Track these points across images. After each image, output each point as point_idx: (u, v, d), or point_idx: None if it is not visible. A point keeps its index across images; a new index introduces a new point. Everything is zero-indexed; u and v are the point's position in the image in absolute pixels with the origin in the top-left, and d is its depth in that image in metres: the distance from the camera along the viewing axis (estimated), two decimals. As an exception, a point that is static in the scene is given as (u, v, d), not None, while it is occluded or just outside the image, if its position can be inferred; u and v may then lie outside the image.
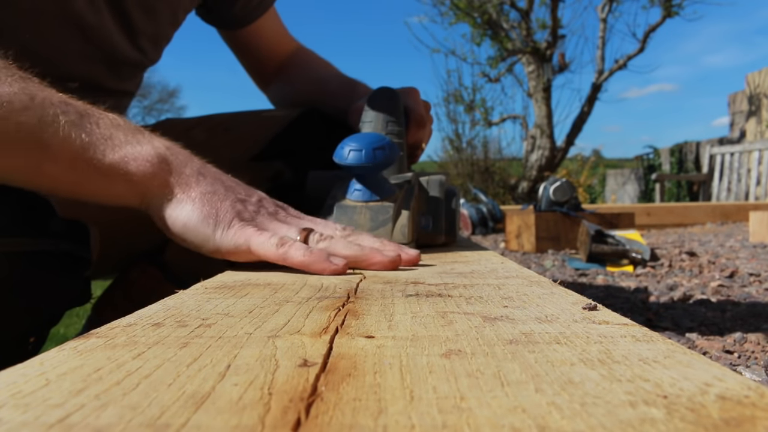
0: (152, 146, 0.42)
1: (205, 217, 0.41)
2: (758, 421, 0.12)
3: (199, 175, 0.43)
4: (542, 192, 2.21)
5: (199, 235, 0.41)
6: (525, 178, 6.54)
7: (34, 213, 0.42)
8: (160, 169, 0.42)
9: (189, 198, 0.42)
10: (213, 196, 0.42)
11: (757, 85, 6.05)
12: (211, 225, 0.41)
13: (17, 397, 0.14)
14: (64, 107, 0.39)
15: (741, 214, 3.46)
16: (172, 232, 0.42)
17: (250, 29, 0.83)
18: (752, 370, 0.62)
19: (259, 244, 0.40)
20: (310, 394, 0.14)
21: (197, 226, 0.41)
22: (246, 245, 0.40)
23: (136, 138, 0.42)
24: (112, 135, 0.41)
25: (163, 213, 0.42)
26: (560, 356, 0.18)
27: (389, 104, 0.63)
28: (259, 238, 0.40)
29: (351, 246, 0.42)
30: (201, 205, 0.41)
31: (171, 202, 0.42)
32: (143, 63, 0.72)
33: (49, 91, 0.40)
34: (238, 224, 0.41)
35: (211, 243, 0.41)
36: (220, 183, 0.44)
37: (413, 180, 0.58)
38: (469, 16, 6.46)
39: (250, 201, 0.44)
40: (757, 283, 1.22)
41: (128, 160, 0.41)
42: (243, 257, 0.41)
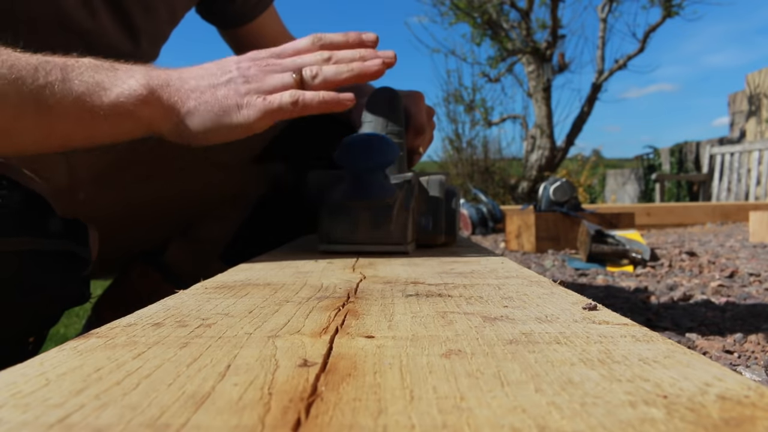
0: (135, 80, 0.45)
1: (216, 115, 0.45)
2: (758, 421, 0.12)
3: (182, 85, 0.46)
4: (542, 192, 2.21)
5: (221, 131, 0.45)
6: (525, 178, 6.54)
7: (33, 213, 0.42)
8: (151, 98, 0.44)
9: (190, 112, 0.45)
10: (206, 95, 0.45)
11: (757, 85, 6.05)
12: (225, 117, 0.45)
13: (17, 397, 0.14)
14: (46, 67, 0.41)
15: (741, 214, 3.45)
16: (197, 142, 0.46)
17: (249, 28, 0.83)
18: (752, 370, 0.62)
19: (276, 107, 0.44)
20: (310, 394, 0.14)
21: (216, 126, 0.45)
22: (263, 114, 0.45)
23: (118, 76, 0.45)
24: (98, 80, 0.43)
25: (178, 132, 0.46)
26: (560, 356, 0.18)
27: (389, 104, 0.63)
28: (273, 104, 0.45)
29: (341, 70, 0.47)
30: (205, 110, 0.45)
31: (180, 123, 0.45)
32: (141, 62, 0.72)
33: (26, 57, 0.42)
34: (243, 101, 0.45)
35: (235, 127, 0.45)
36: (200, 78, 0.47)
37: (413, 180, 0.58)
38: (469, 16, 6.46)
39: (233, 76, 0.47)
40: (757, 283, 1.22)
41: (122, 99, 0.43)
42: (265, 125, 0.46)
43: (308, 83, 0.46)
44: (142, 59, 0.71)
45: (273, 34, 0.87)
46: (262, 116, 0.45)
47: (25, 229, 0.41)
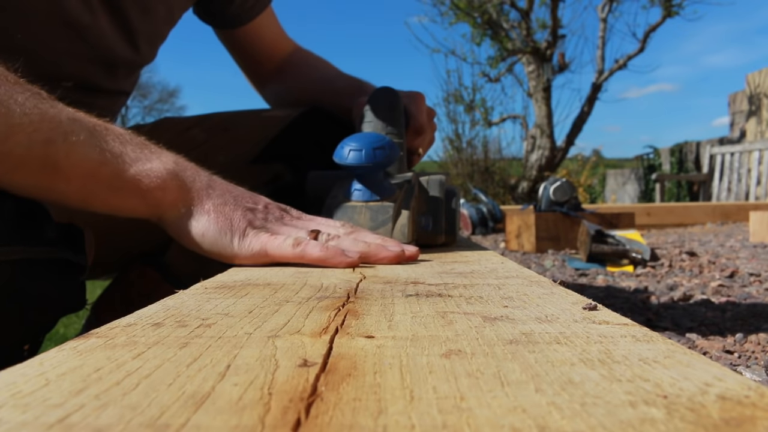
0: (161, 162, 0.44)
1: (221, 228, 0.44)
2: (758, 422, 0.12)
3: (209, 188, 0.46)
4: (542, 192, 2.21)
5: (217, 246, 0.44)
6: (525, 178, 6.54)
7: (29, 219, 0.42)
8: (171, 184, 0.44)
9: (203, 211, 0.44)
10: (225, 207, 0.45)
11: (757, 85, 6.05)
12: (228, 235, 0.44)
13: (17, 397, 0.14)
14: (72, 125, 0.40)
15: (741, 214, 3.45)
16: (190, 243, 0.45)
17: (246, 29, 0.83)
18: (752, 370, 0.62)
19: (276, 247, 0.43)
20: (310, 394, 0.14)
21: (215, 237, 0.44)
22: (263, 250, 0.43)
23: (144, 154, 0.44)
24: (122, 152, 0.42)
25: (178, 226, 0.45)
26: (560, 356, 0.18)
27: (389, 104, 0.63)
28: (275, 242, 0.43)
29: (358, 243, 0.45)
30: (215, 217, 0.44)
31: (185, 215, 0.44)
32: (139, 62, 0.72)
33: (59, 108, 0.40)
34: (252, 232, 0.44)
35: (229, 251, 0.44)
36: (228, 194, 0.46)
37: (413, 180, 0.58)
38: (469, 16, 6.46)
39: (257, 208, 0.46)
40: (757, 283, 1.22)
41: (140, 177, 0.42)
42: (260, 261, 0.44)
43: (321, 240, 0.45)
44: (139, 59, 0.71)
45: (270, 35, 0.87)
46: (260, 253, 0.43)
47: (18, 237, 0.40)
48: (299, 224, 0.47)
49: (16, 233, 0.40)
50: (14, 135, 0.37)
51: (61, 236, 0.44)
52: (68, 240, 0.45)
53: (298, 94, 0.86)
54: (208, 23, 0.83)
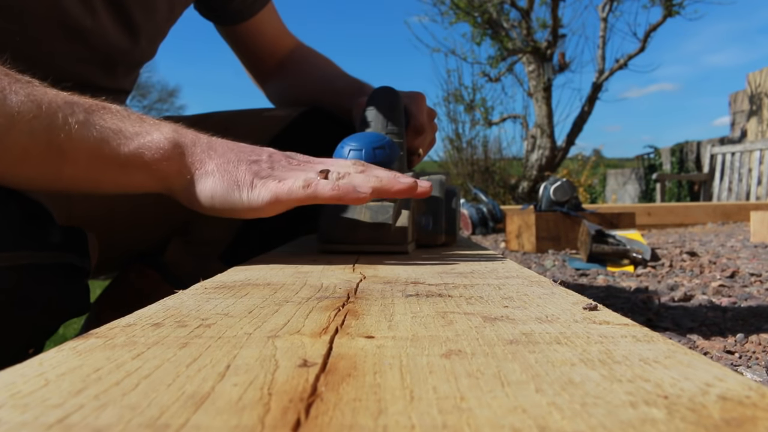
0: (161, 133, 0.44)
1: (228, 185, 0.43)
2: (759, 422, 0.12)
3: (209, 149, 0.45)
4: (542, 192, 2.21)
5: (227, 203, 0.44)
6: (525, 178, 6.54)
7: (32, 224, 0.42)
8: (173, 153, 0.43)
9: (207, 172, 0.44)
10: (228, 165, 0.44)
11: (758, 84, 6.05)
12: (236, 191, 0.43)
13: (16, 398, 0.14)
14: (70, 108, 0.40)
15: (742, 214, 3.45)
16: (201, 207, 0.45)
17: (247, 25, 0.82)
18: (753, 370, 0.62)
19: (286, 192, 0.42)
20: (310, 395, 0.14)
21: (224, 195, 0.43)
22: (274, 197, 0.43)
23: (144, 128, 0.43)
24: (121, 128, 0.42)
25: (187, 192, 0.44)
26: (561, 356, 0.18)
27: (390, 103, 0.63)
28: (284, 187, 0.43)
29: (369, 178, 0.44)
30: (221, 176, 0.44)
31: (192, 180, 0.44)
32: (140, 61, 0.72)
33: (53, 93, 0.40)
34: (259, 182, 0.43)
35: (240, 205, 0.43)
36: (230, 151, 0.46)
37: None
38: (469, 16, 6.45)
39: (261, 159, 0.46)
40: (758, 283, 1.22)
41: (142, 150, 0.42)
42: (273, 210, 0.43)
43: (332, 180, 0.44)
44: (140, 57, 0.71)
45: (272, 31, 0.86)
46: (272, 200, 0.43)
47: (24, 242, 0.40)
48: (307, 167, 0.47)
49: (22, 237, 0.40)
50: (16, 125, 0.37)
51: (65, 239, 0.44)
52: (72, 243, 0.45)
53: (299, 92, 0.86)
54: (210, 19, 0.83)
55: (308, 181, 0.42)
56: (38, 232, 0.42)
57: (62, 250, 0.43)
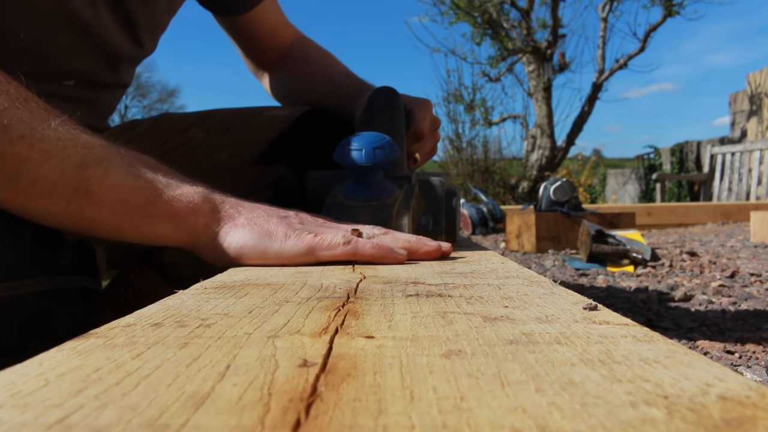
0: (191, 187, 0.44)
1: (260, 235, 0.43)
2: (759, 422, 0.12)
3: (238, 206, 0.46)
4: (542, 192, 2.21)
5: (258, 251, 0.43)
6: (525, 178, 6.54)
7: (46, 247, 0.42)
8: (203, 207, 0.44)
9: (237, 225, 0.44)
10: (258, 219, 0.45)
11: (758, 84, 6.05)
12: (268, 240, 0.43)
13: (16, 398, 0.14)
14: (106, 151, 0.40)
15: (742, 214, 3.45)
16: (228, 259, 0.44)
17: (249, 16, 0.82)
18: (753, 370, 0.62)
19: (326, 245, 0.43)
20: (310, 395, 0.14)
21: (255, 245, 0.43)
22: (310, 249, 0.43)
23: (175, 181, 0.44)
24: (154, 179, 0.42)
25: (215, 246, 0.44)
26: (561, 356, 0.18)
27: (390, 104, 0.63)
28: (323, 241, 0.43)
29: (399, 240, 0.46)
30: (251, 228, 0.44)
31: (220, 233, 0.44)
32: (140, 55, 0.72)
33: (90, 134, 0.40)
34: (293, 233, 0.43)
35: (272, 253, 0.43)
36: (259, 209, 0.46)
37: (413, 180, 0.58)
38: (469, 16, 6.45)
39: (290, 215, 0.47)
40: (758, 283, 1.21)
41: (172, 202, 0.42)
42: (305, 260, 0.43)
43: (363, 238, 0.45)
44: (141, 51, 0.71)
45: (273, 23, 0.85)
46: (307, 251, 0.43)
47: (39, 267, 0.40)
48: (336, 226, 0.47)
49: (37, 263, 0.40)
50: (49, 160, 0.37)
51: (76, 260, 0.44)
52: (82, 263, 0.45)
53: (300, 90, 0.85)
54: (210, 10, 0.82)
55: (347, 238, 0.43)
56: (51, 256, 0.41)
57: (75, 273, 0.43)
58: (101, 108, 0.72)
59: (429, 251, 0.46)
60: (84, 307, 0.44)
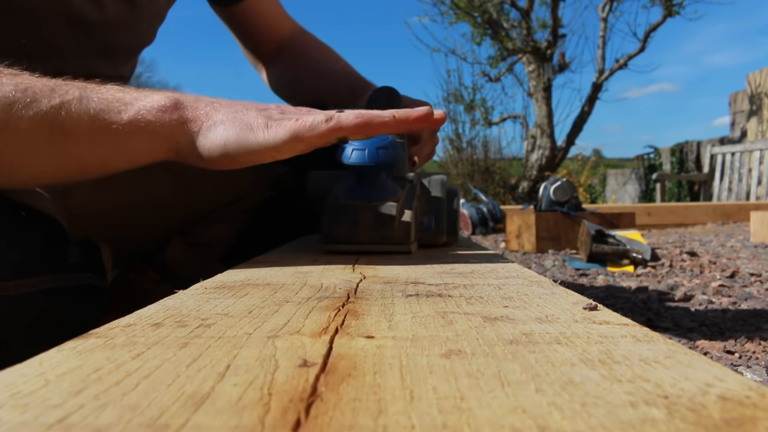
0: (160, 95, 0.43)
1: (240, 129, 0.42)
2: (759, 422, 0.12)
3: (213, 103, 0.44)
4: (542, 192, 2.21)
5: (243, 146, 0.42)
6: (525, 178, 6.53)
7: (53, 244, 0.41)
8: (176, 110, 0.42)
9: (216, 122, 0.42)
10: (237, 113, 0.43)
11: (758, 84, 6.05)
12: (250, 132, 0.41)
13: (16, 398, 0.14)
14: (63, 87, 0.40)
15: (742, 214, 3.45)
16: (213, 157, 0.43)
17: (244, 5, 0.82)
18: (753, 370, 0.62)
19: (308, 126, 0.41)
20: (310, 395, 0.14)
21: (237, 139, 0.42)
22: (294, 134, 0.41)
23: (142, 94, 0.43)
24: (119, 97, 0.41)
25: (197, 147, 0.42)
26: (561, 356, 0.18)
27: (391, 104, 0.63)
28: (304, 123, 0.41)
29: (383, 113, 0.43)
30: (231, 123, 0.42)
31: (200, 134, 0.42)
32: (139, 45, 0.72)
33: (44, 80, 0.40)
34: (274, 123, 0.42)
35: (257, 146, 0.41)
36: (237, 104, 0.44)
37: (415, 180, 0.58)
38: (469, 16, 6.45)
39: (270, 107, 0.45)
40: (758, 284, 1.21)
41: (143, 112, 0.41)
42: (293, 148, 0.42)
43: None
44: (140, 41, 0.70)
45: (269, 14, 0.85)
46: (292, 136, 0.41)
47: (46, 266, 0.39)
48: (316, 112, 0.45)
49: (45, 261, 0.40)
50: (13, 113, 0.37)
51: (83, 257, 0.44)
52: (89, 260, 0.45)
53: (297, 87, 0.85)
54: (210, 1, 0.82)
55: (329, 115, 0.41)
56: (59, 254, 0.41)
57: (82, 271, 0.43)
58: None
59: (420, 115, 0.42)
60: (91, 305, 0.44)
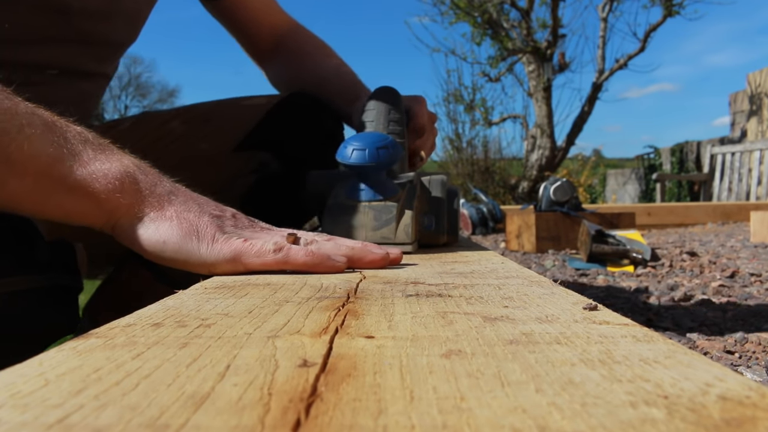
0: (121, 164, 0.41)
1: (186, 233, 0.40)
2: (759, 422, 0.12)
3: (170, 194, 0.42)
4: (542, 192, 2.21)
5: (182, 253, 0.40)
6: (525, 178, 6.54)
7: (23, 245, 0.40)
8: (129, 187, 0.40)
9: (164, 217, 0.40)
10: (189, 214, 0.41)
11: (758, 84, 6.05)
12: (194, 241, 0.40)
13: (16, 398, 0.14)
14: (29, 118, 0.38)
15: (742, 214, 3.45)
16: (148, 252, 0.41)
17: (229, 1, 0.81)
18: (753, 370, 0.62)
19: (255, 253, 0.39)
20: (310, 395, 0.14)
21: (179, 243, 0.40)
22: (237, 256, 0.39)
23: (104, 154, 0.40)
24: (80, 150, 0.39)
25: (134, 233, 0.40)
26: (561, 356, 0.18)
27: (391, 104, 0.63)
28: (251, 247, 0.39)
29: (340, 247, 0.42)
30: (179, 223, 0.40)
31: (143, 221, 0.40)
32: (121, 42, 0.72)
33: (15, 101, 0.38)
34: (221, 237, 0.40)
35: (196, 258, 0.40)
36: (193, 201, 0.42)
37: (415, 180, 0.58)
38: (469, 16, 6.45)
39: (225, 216, 0.43)
40: (758, 283, 1.21)
41: (96, 176, 0.39)
42: (231, 268, 0.40)
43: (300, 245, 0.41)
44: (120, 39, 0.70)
45: (263, 7, 0.85)
46: (234, 257, 0.39)
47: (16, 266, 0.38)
48: (272, 232, 0.44)
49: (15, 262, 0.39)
50: None
51: (54, 258, 0.43)
52: (61, 261, 0.44)
53: (294, 83, 0.85)
54: None
55: (279, 245, 0.39)
56: (29, 254, 0.41)
57: (52, 271, 0.42)
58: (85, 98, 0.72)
59: (375, 259, 0.42)
60: (60, 305, 0.44)
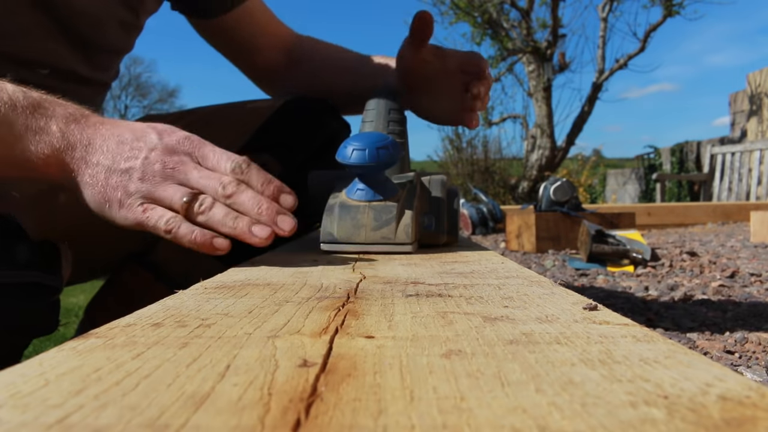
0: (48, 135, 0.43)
1: (100, 200, 0.44)
2: (759, 422, 0.12)
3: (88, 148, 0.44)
4: (542, 192, 2.21)
5: (105, 217, 0.45)
6: (525, 178, 6.54)
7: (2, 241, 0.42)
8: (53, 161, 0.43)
9: (84, 183, 0.44)
10: (99, 175, 0.44)
11: (758, 84, 6.05)
12: (107, 206, 0.44)
13: (16, 398, 0.14)
14: None
15: (742, 214, 3.45)
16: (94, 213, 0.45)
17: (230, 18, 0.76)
18: (753, 370, 0.62)
19: (151, 226, 0.43)
20: (310, 395, 0.14)
21: (99, 210, 0.44)
22: (138, 224, 0.43)
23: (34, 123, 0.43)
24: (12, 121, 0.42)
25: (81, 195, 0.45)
26: (561, 356, 0.18)
27: (391, 103, 0.63)
28: (149, 221, 0.43)
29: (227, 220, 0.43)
30: (92, 189, 0.44)
31: (77, 185, 0.44)
32: (118, 51, 0.71)
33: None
34: (127, 201, 0.44)
35: (113, 221, 0.45)
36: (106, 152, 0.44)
37: (415, 179, 0.58)
38: (469, 16, 6.45)
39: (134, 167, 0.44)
40: (758, 283, 1.21)
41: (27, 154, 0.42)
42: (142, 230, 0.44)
43: (193, 213, 0.43)
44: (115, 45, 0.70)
45: (269, 19, 0.81)
46: (136, 225, 0.44)
47: None
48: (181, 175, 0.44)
49: None
50: None
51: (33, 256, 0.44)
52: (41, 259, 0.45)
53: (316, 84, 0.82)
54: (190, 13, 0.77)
55: (169, 225, 0.42)
56: (6, 249, 0.42)
57: (27, 269, 0.44)
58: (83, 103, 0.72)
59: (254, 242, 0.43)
60: (33, 302, 0.44)
